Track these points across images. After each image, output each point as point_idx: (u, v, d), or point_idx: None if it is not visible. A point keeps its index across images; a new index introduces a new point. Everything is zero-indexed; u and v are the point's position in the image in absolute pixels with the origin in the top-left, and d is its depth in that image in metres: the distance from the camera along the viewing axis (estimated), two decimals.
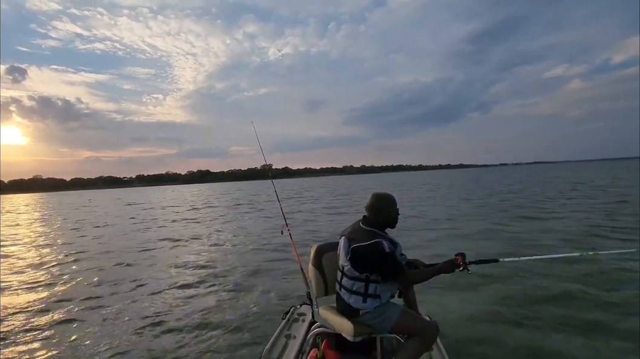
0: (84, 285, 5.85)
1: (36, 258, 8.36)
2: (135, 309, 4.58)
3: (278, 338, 2.58)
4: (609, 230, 7.94)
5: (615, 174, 35.42)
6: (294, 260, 6.43)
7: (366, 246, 2.04)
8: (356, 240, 2.10)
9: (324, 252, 2.43)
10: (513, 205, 13.93)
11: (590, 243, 6.87)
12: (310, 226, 11.59)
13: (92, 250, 9.07)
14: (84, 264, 7.46)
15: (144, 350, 3.44)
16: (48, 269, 7.12)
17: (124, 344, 3.60)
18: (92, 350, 3.51)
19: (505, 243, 7.30)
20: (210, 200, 30.64)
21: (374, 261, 2.04)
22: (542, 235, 7.80)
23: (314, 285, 2.43)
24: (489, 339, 3.33)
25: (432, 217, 11.89)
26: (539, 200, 15.26)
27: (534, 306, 4.03)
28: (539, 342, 3.25)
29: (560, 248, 6.61)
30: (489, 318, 3.80)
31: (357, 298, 2.12)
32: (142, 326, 4.01)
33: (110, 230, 13.59)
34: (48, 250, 9.44)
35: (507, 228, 9.02)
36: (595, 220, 9.39)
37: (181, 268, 6.77)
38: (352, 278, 2.12)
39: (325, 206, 18.60)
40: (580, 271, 5.07)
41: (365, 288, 2.10)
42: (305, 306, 3.03)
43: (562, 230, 8.22)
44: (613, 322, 3.56)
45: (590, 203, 12.99)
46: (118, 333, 3.86)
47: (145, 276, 6.22)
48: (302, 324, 2.77)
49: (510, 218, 10.52)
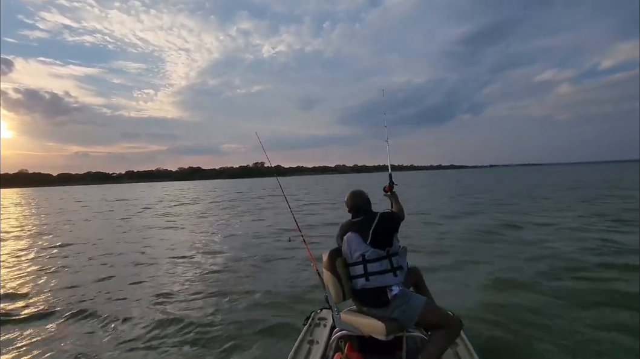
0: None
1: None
2: (148, 314, 4.39)
3: (301, 344, 2.55)
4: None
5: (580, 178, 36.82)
6: (301, 261, 6.37)
7: (382, 217, 2.33)
8: (365, 225, 2.31)
9: (337, 256, 2.40)
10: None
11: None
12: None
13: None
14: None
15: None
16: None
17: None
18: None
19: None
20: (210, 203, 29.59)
21: (395, 221, 2.37)
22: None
23: (331, 290, 2.34)
24: (512, 335, 3.34)
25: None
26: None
27: (562, 307, 3.93)
28: (566, 339, 3.22)
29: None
30: (512, 313, 3.81)
31: (387, 276, 2.22)
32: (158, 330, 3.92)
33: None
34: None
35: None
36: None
37: (197, 271, 6.33)
38: (377, 259, 2.24)
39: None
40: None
41: (390, 263, 2.24)
42: (325, 310, 3.02)
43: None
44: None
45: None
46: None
47: (153, 283, 5.68)
48: (324, 328, 2.75)
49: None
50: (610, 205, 12.95)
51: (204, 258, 7.32)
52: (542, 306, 4.00)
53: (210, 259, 7.20)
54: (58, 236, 11.24)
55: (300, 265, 6.34)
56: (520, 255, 6.25)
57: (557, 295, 4.30)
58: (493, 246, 7.14)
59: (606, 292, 4.30)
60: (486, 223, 9.97)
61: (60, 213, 20.56)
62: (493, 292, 4.53)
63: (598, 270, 5.24)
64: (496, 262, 5.90)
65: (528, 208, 13.23)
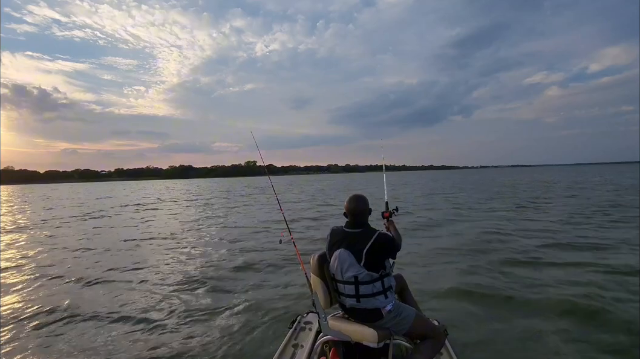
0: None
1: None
2: (130, 313, 4.34)
3: (285, 347, 2.52)
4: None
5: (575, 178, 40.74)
6: (290, 262, 6.35)
7: (379, 239, 2.13)
8: (360, 243, 2.14)
9: (326, 261, 2.33)
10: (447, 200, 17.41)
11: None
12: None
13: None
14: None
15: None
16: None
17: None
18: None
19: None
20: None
21: (392, 249, 2.17)
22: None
23: (319, 295, 2.30)
24: (494, 343, 3.34)
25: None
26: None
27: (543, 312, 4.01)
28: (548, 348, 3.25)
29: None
30: (495, 321, 3.78)
31: (380, 297, 2.15)
32: (137, 332, 3.85)
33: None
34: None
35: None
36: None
37: (177, 266, 6.41)
38: (370, 281, 2.13)
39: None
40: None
41: (382, 285, 2.15)
42: (311, 314, 2.96)
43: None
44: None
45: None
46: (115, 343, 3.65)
47: (134, 280, 5.74)
48: (310, 333, 2.71)
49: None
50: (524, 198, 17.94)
51: (184, 258, 7.23)
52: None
53: (192, 259, 7.04)
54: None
55: (287, 266, 6.25)
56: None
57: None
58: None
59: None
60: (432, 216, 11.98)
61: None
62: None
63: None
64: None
65: (467, 199, 18.14)
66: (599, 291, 4.35)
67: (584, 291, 4.37)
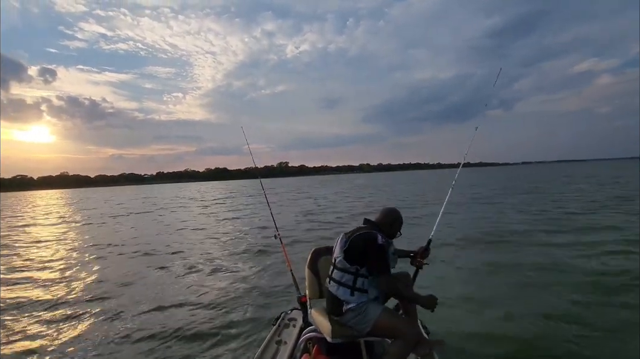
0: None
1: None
2: (124, 311, 4.52)
3: (269, 344, 2.57)
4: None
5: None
6: (279, 262, 6.40)
7: (361, 235, 2.19)
8: (353, 233, 2.26)
9: (321, 255, 2.51)
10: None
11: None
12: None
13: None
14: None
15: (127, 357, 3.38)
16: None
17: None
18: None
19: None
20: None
21: (365, 250, 2.13)
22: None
23: (308, 286, 2.48)
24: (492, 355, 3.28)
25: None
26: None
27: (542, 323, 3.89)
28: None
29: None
30: (496, 333, 3.71)
31: (345, 290, 2.17)
32: (124, 331, 3.94)
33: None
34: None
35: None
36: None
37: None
38: (342, 269, 2.19)
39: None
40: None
41: (353, 281, 2.16)
42: (296, 311, 3.03)
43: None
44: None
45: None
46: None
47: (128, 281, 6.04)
48: (293, 329, 2.78)
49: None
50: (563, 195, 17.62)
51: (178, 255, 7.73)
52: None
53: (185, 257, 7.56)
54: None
55: (276, 264, 6.36)
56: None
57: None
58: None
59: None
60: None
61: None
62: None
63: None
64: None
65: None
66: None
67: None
